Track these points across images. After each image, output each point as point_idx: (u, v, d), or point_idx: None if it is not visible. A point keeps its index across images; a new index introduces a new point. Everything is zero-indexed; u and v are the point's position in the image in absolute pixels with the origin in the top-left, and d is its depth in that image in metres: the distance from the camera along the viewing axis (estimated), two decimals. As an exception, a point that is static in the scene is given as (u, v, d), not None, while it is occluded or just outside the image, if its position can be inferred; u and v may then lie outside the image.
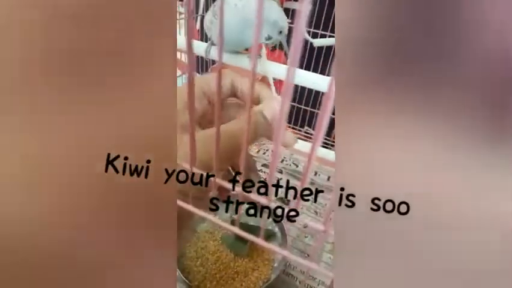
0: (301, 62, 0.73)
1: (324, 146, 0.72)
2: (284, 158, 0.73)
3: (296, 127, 0.78)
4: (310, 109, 0.75)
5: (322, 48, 0.69)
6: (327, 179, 0.69)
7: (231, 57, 0.49)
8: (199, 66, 0.92)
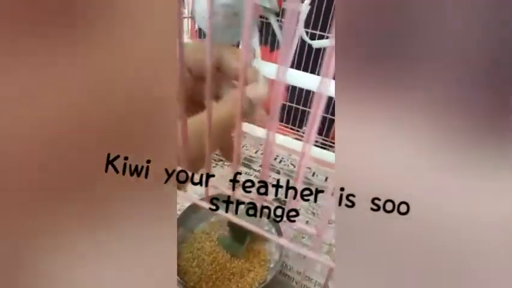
0: (299, 64, 0.73)
1: (322, 147, 0.72)
2: (282, 159, 0.73)
3: (294, 127, 0.78)
4: (308, 109, 0.75)
5: (321, 49, 0.69)
6: (324, 180, 0.68)
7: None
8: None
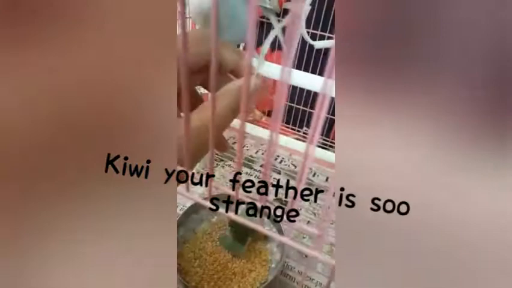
0: (300, 64, 0.73)
1: (322, 147, 0.72)
2: (283, 159, 0.73)
3: (295, 128, 0.78)
4: (309, 110, 0.75)
5: (321, 50, 0.69)
6: (325, 180, 0.69)
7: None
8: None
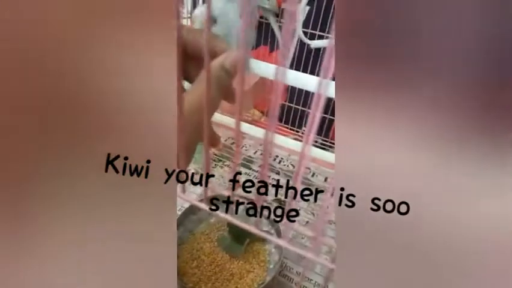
0: (298, 64, 0.73)
1: (321, 147, 0.72)
2: (282, 159, 0.73)
3: (294, 128, 0.78)
4: (308, 110, 0.75)
5: (320, 50, 0.69)
6: (324, 180, 0.68)
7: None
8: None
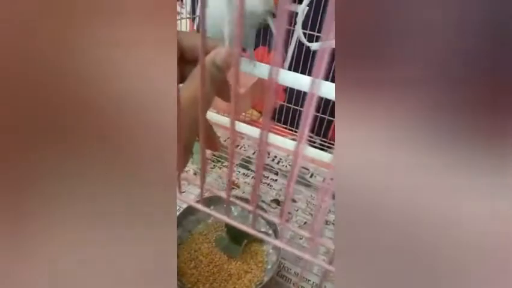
0: (297, 65, 0.73)
1: (320, 148, 0.72)
2: (280, 160, 0.73)
3: (292, 129, 0.78)
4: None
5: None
6: (323, 181, 0.68)
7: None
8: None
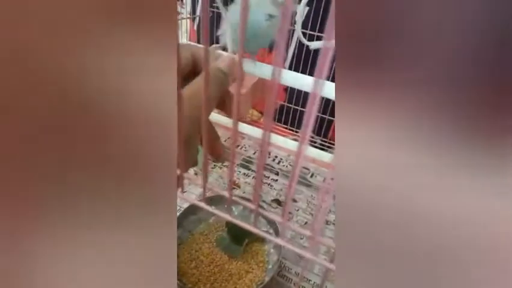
0: (298, 65, 0.73)
1: (320, 148, 0.72)
2: (281, 160, 0.73)
3: (293, 129, 0.78)
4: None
5: (319, 51, 0.69)
6: (323, 181, 0.68)
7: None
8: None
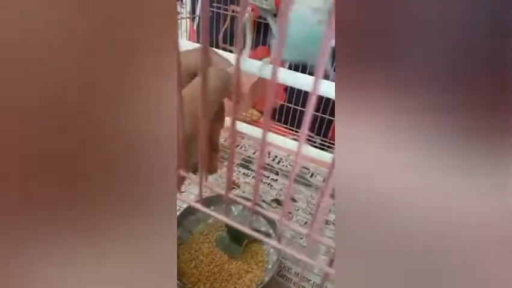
0: (297, 65, 0.73)
1: (320, 148, 0.72)
2: (281, 160, 0.73)
3: (293, 128, 0.78)
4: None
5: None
6: (323, 181, 0.68)
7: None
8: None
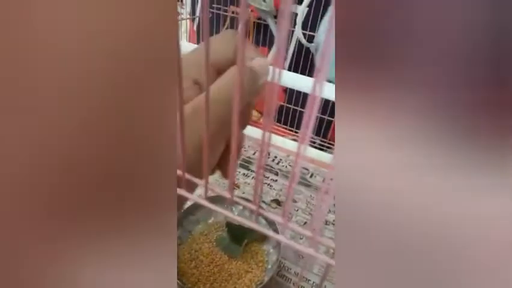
0: (297, 66, 0.73)
1: (320, 148, 0.72)
2: (280, 160, 0.73)
3: (292, 129, 0.78)
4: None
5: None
6: (322, 181, 0.69)
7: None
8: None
